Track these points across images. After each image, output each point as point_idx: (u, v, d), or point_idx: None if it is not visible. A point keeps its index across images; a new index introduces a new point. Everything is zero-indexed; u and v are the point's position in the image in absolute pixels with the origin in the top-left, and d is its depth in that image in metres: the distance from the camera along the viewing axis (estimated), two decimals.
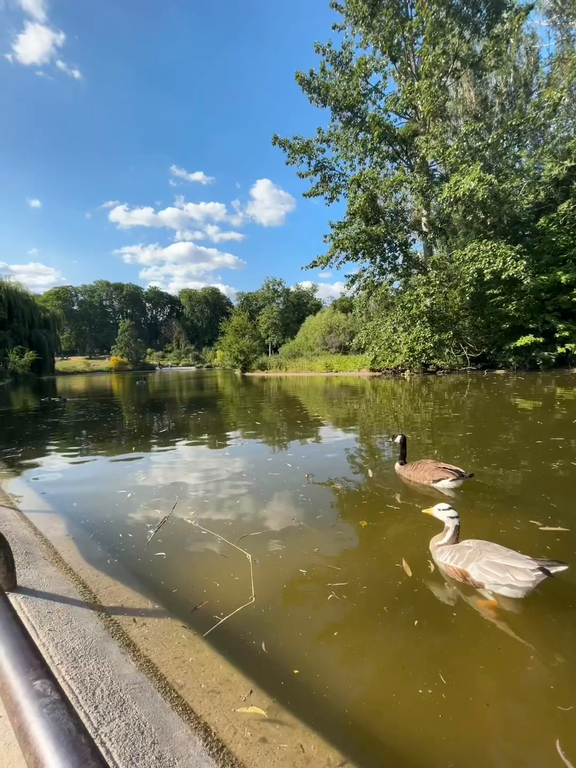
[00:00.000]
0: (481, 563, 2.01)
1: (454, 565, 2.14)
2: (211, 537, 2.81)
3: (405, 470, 3.99)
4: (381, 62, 20.45)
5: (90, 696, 1.36)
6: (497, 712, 1.40)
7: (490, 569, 1.96)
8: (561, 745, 1.27)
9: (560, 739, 1.29)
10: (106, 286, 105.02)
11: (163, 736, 1.26)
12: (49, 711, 0.60)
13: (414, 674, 1.58)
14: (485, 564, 1.99)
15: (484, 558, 2.02)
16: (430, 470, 3.69)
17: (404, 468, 4.02)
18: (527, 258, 18.09)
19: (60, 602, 1.95)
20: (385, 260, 22.13)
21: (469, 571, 2.05)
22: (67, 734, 0.57)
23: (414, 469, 3.87)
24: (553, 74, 21.19)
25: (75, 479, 4.43)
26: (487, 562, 1.99)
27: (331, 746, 1.29)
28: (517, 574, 1.86)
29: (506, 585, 1.91)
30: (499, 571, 1.92)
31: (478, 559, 2.03)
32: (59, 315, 59.74)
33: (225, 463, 4.94)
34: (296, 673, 1.59)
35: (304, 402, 12.05)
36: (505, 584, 1.91)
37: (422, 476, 3.74)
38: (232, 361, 37.40)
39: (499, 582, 1.93)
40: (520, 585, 1.86)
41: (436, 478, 3.62)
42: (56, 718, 0.59)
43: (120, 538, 2.85)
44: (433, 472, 3.65)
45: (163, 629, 1.86)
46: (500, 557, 1.99)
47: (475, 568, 2.02)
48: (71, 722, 0.59)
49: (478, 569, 2.01)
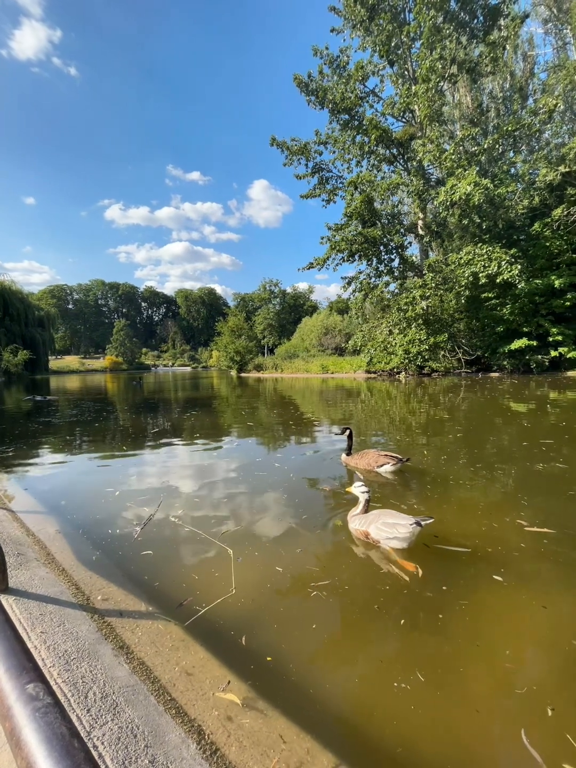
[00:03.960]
0: (377, 524, 2.50)
1: (359, 528, 2.62)
2: (195, 534, 2.83)
3: (351, 459, 4.46)
4: (378, 66, 20.60)
5: (82, 699, 1.34)
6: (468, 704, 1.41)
7: (383, 527, 2.46)
8: (525, 733, 1.30)
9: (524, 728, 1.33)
10: (101, 285, 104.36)
11: (157, 739, 1.25)
12: (42, 715, 0.59)
13: (390, 667, 1.61)
14: (380, 524, 2.48)
15: (380, 520, 2.51)
16: (374, 457, 4.21)
17: (350, 458, 4.49)
18: (522, 262, 18.29)
19: (52, 604, 1.93)
20: (381, 262, 22.24)
21: (369, 531, 2.54)
22: (59, 738, 0.56)
23: (360, 458, 4.35)
24: (548, 81, 21.44)
25: (67, 478, 4.39)
26: (381, 523, 2.48)
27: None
28: (400, 529, 2.38)
29: (393, 538, 2.43)
30: (389, 528, 2.43)
31: (376, 522, 2.52)
32: (54, 314, 59.12)
33: (214, 462, 4.93)
34: (294, 680, 1.58)
35: (299, 403, 12.06)
36: (392, 537, 2.43)
37: (367, 463, 4.24)
38: (228, 362, 37.33)
39: (389, 536, 2.44)
40: (402, 536, 2.39)
41: (380, 463, 4.14)
42: (49, 722, 0.58)
43: (110, 536, 2.84)
44: (377, 459, 4.18)
45: (156, 631, 1.85)
46: (391, 518, 2.48)
47: (373, 528, 2.52)
48: (64, 726, 0.58)
49: (375, 529, 2.51)
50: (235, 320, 39.56)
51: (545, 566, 2.33)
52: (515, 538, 2.67)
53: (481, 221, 18.86)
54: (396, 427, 7.21)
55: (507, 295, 19.62)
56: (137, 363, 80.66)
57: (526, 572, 2.27)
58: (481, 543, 2.60)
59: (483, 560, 2.39)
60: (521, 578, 2.20)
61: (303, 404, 11.72)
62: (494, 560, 2.38)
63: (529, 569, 2.30)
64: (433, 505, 3.32)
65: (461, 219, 19.32)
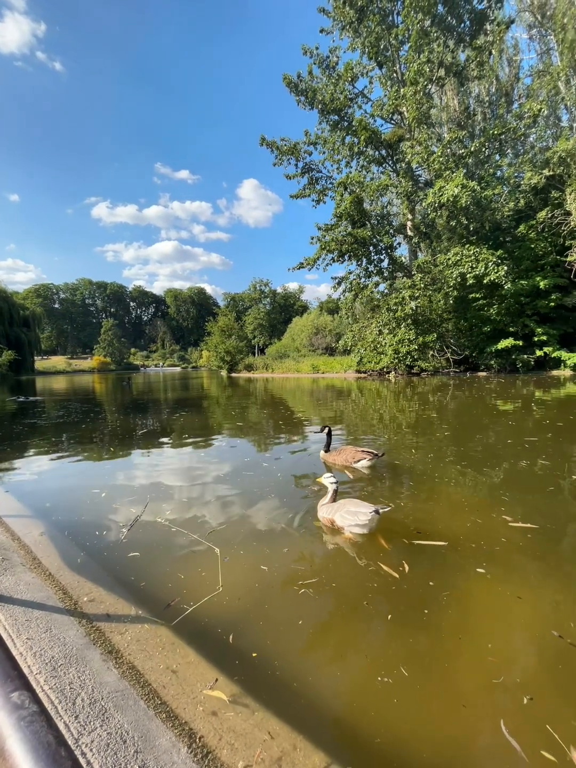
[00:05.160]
0: (341, 512, 2.69)
1: (326, 516, 2.81)
2: (182, 535, 2.82)
3: (330, 456, 4.61)
4: (367, 67, 20.76)
5: (70, 706, 1.32)
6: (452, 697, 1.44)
7: (346, 515, 2.65)
8: (504, 724, 1.33)
9: (503, 718, 1.36)
10: (88, 284, 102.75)
11: (147, 744, 1.23)
12: (27, 724, 0.58)
13: (377, 662, 1.63)
14: (344, 512, 2.67)
15: (344, 509, 2.69)
16: (351, 453, 4.38)
17: (329, 455, 4.64)
18: (508, 263, 18.65)
19: (39, 609, 1.89)
20: (371, 263, 22.40)
21: (335, 519, 2.73)
22: (46, 747, 0.55)
23: (338, 455, 4.51)
24: (533, 85, 21.89)
25: (52, 480, 4.31)
26: (345, 511, 2.67)
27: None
28: (361, 516, 2.57)
29: (355, 525, 2.61)
30: (351, 515, 2.61)
31: (340, 510, 2.71)
32: (40, 313, 57.99)
33: (203, 463, 4.90)
34: (281, 676, 1.58)
35: (290, 403, 12.06)
36: (354, 524, 2.61)
37: (345, 459, 4.40)
38: (219, 362, 37.14)
39: (351, 523, 2.62)
40: (362, 523, 2.58)
41: (356, 459, 4.30)
42: (35, 731, 0.57)
43: (96, 538, 2.80)
44: (354, 455, 4.34)
45: (145, 633, 1.82)
46: (354, 507, 2.65)
47: (338, 516, 2.70)
48: (50, 734, 0.57)
49: (340, 516, 2.69)
50: (225, 320, 39.37)
51: (527, 559, 2.39)
52: (499, 533, 2.72)
53: (468, 223, 19.17)
54: (385, 426, 7.27)
55: (494, 296, 19.99)
56: (126, 363, 79.64)
57: (508, 566, 2.32)
58: (467, 538, 2.65)
59: (468, 555, 2.43)
60: (504, 571, 2.25)
61: (293, 404, 11.73)
62: (478, 554, 2.43)
63: (511, 563, 2.35)
64: (421, 501, 3.35)
65: (449, 220, 19.60)
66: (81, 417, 9.45)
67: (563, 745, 1.26)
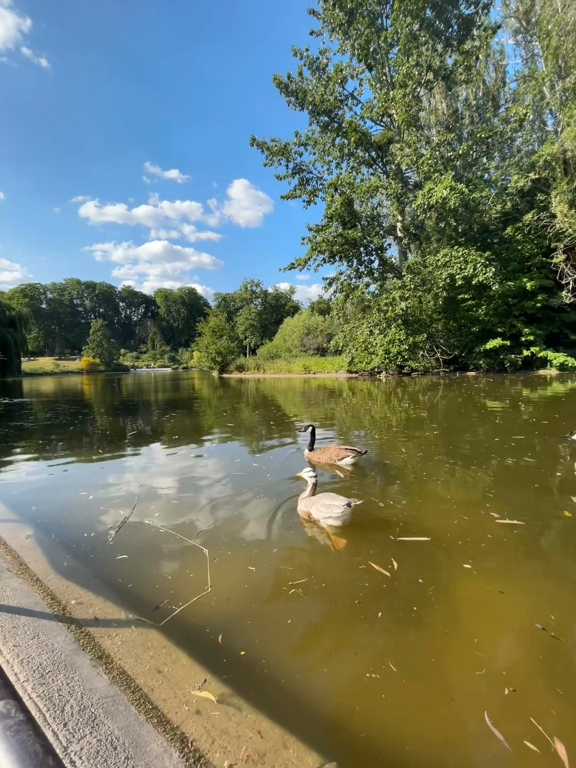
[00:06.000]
0: (317, 505, 2.81)
1: (304, 509, 2.94)
2: (170, 536, 2.80)
3: (314, 455, 4.66)
4: (357, 69, 20.90)
5: (59, 713, 1.29)
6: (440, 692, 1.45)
7: (321, 508, 2.78)
8: (489, 716, 1.35)
9: (488, 710, 1.38)
10: (76, 284, 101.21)
11: (138, 750, 1.21)
12: (13, 733, 0.56)
13: (366, 660, 1.64)
14: (320, 506, 2.79)
15: (320, 502, 2.82)
16: (335, 451, 4.44)
17: (313, 453, 4.70)
18: (495, 265, 18.94)
19: (26, 616, 1.85)
20: (361, 264, 22.53)
21: (311, 512, 2.85)
22: (32, 757, 0.53)
23: (322, 453, 4.56)
24: (519, 90, 22.29)
25: (38, 483, 4.23)
26: (321, 504, 2.79)
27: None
28: (335, 509, 2.69)
29: (329, 517, 2.73)
30: (326, 508, 2.74)
31: (317, 503, 2.83)
32: (26, 313, 56.87)
33: (192, 464, 4.87)
34: (271, 675, 1.57)
35: (281, 403, 12.06)
36: (329, 516, 2.73)
37: (329, 457, 4.44)
38: (210, 363, 36.92)
39: (326, 515, 2.74)
40: (336, 515, 2.69)
41: (340, 457, 4.37)
42: (21, 741, 0.55)
43: (84, 541, 2.76)
44: (338, 453, 4.41)
45: (135, 637, 1.80)
46: (329, 500, 2.78)
47: (314, 509, 2.83)
48: (38, 743, 0.56)
49: (316, 509, 2.82)
50: (216, 320, 39.15)
51: (512, 555, 2.43)
52: (486, 529, 2.77)
53: (457, 224, 19.43)
54: (377, 425, 7.31)
55: (482, 297, 20.29)
56: (115, 364, 78.66)
57: (494, 561, 2.36)
58: (454, 535, 2.69)
59: (455, 551, 2.47)
60: (490, 567, 2.29)
61: (285, 404, 11.73)
62: (466, 551, 2.47)
63: (497, 558, 2.39)
64: (409, 499, 3.38)
65: (438, 222, 19.84)
66: (69, 419, 9.30)
67: (546, 735, 1.29)
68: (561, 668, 1.58)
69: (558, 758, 1.22)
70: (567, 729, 1.32)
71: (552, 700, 1.43)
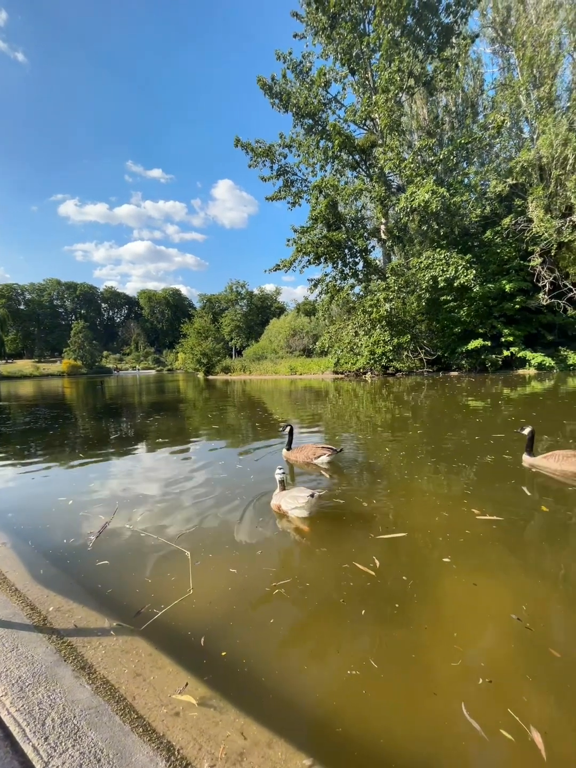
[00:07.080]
0: (285, 498, 2.99)
1: (275, 503, 3.13)
2: (152, 540, 2.78)
3: (292, 454, 4.74)
4: (340, 74, 21.07)
5: (39, 727, 1.26)
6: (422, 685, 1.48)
7: (289, 500, 2.95)
8: (466, 707, 1.40)
9: (465, 702, 1.42)
10: (56, 284, 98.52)
11: (123, 761, 1.19)
12: None
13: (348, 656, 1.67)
14: (288, 498, 2.97)
15: (288, 494, 3.00)
16: (312, 450, 4.53)
17: (291, 452, 4.77)
18: (476, 267, 19.41)
19: (4, 628, 1.79)
20: (346, 265, 22.72)
21: (280, 504, 3.04)
22: None
23: (299, 452, 4.64)
24: (496, 98, 22.93)
25: (16, 490, 4.11)
26: (288, 496, 2.97)
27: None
28: (300, 500, 2.86)
29: (296, 508, 2.91)
30: (293, 500, 2.92)
31: (285, 496, 3.01)
32: (3, 314, 55.12)
33: (176, 467, 4.82)
34: (254, 675, 1.57)
35: (268, 404, 12.04)
36: (295, 507, 2.90)
37: (306, 456, 4.53)
38: (195, 364, 36.55)
39: (293, 506, 2.92)
40: (301, 505, 2.87)
41: (317, 455, 4.46)
42: None
43: (64, 548, 2.71)
44: (314, 451, 4.50)
45: (118, 644, 1.77)
46: (296, 492, 2.96)
47: (283, 501, 3.01)
48: (15, 761, 0.55)
49: (284, 502, 3.00)
50: (201, 322, 38.82)
51: (490, 550, 2.50)
52: (466, 525, 2.84)
53: (439, 227, 19.82)
54: (362, 425, 7.39)
55: (464, 298, 20.76)
56: (97, 366, 76.85)
57: (473, 556, 2.42)
58: (435, 531, 2.75)
59: (436, 547, 2.53)
60: (468, 562, 2.35)
61: (271, 406, 11.71)
62: (445, 547, 2.53)
63: (475, 553, 2.46)
64: (393, 497, 3.43)
65: (421, 225, 20.20)
66: (49, 423, 9.05)
67: (522, 723, 1.33)
68: (535, 658, 1.63)
69: (534, 746, 1.26)
70: (542, 717, 1.36)
71: (527, 689, 1.48)
